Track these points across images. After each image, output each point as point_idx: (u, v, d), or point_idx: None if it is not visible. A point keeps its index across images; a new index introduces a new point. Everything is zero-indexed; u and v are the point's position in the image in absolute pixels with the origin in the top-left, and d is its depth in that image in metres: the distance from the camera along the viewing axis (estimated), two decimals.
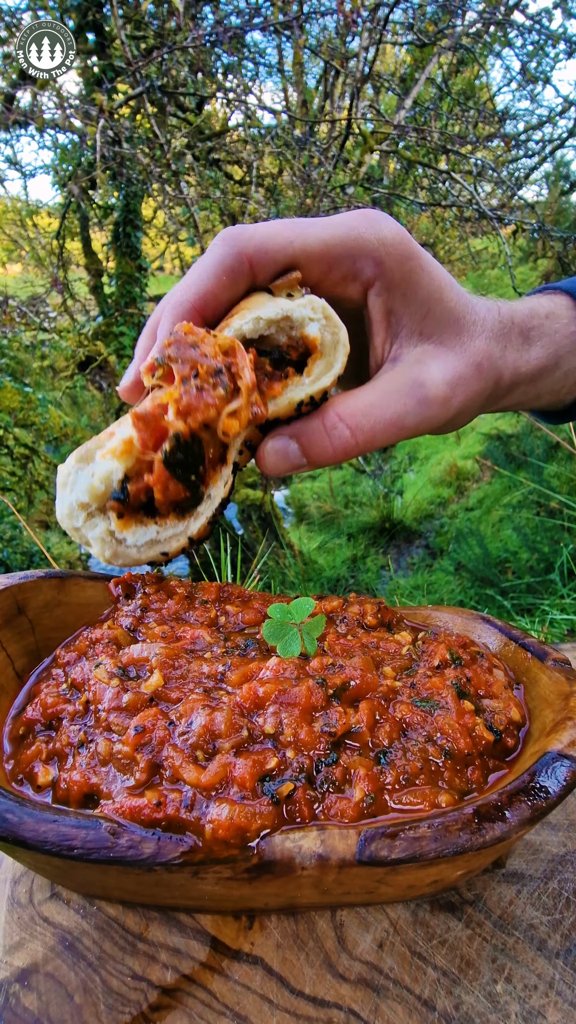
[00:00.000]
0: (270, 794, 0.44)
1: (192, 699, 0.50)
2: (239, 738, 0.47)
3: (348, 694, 0.51)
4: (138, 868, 0.42)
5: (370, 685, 0.53)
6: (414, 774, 0.48)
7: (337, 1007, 0.50)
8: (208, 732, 0.47)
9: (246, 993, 0.51)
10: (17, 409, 4.16)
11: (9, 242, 7.91)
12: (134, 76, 4.12)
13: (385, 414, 0.58)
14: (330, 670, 0.54)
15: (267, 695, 0.49)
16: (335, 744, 0.48)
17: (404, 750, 0.49)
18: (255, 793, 0.45)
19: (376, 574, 5.05)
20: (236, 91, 5.11)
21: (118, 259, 4.90)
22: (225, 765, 0.45)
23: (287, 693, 0.49)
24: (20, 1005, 0.49)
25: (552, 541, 3.59)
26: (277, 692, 0.49)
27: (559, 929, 0.55)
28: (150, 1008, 0.50)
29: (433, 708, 0.53)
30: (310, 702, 0.49)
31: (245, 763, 0.45)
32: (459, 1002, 0.50)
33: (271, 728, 0.48)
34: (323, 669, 0.53)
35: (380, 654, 0.61)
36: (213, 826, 0.43)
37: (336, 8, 4.45)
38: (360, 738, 0.49)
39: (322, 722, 0.49)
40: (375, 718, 0.50)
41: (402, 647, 0.62)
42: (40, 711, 0.55)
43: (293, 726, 0.48)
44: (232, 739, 0.47)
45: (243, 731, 0.48)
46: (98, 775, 0.48)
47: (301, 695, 0.49)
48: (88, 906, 0.55)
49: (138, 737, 0.48)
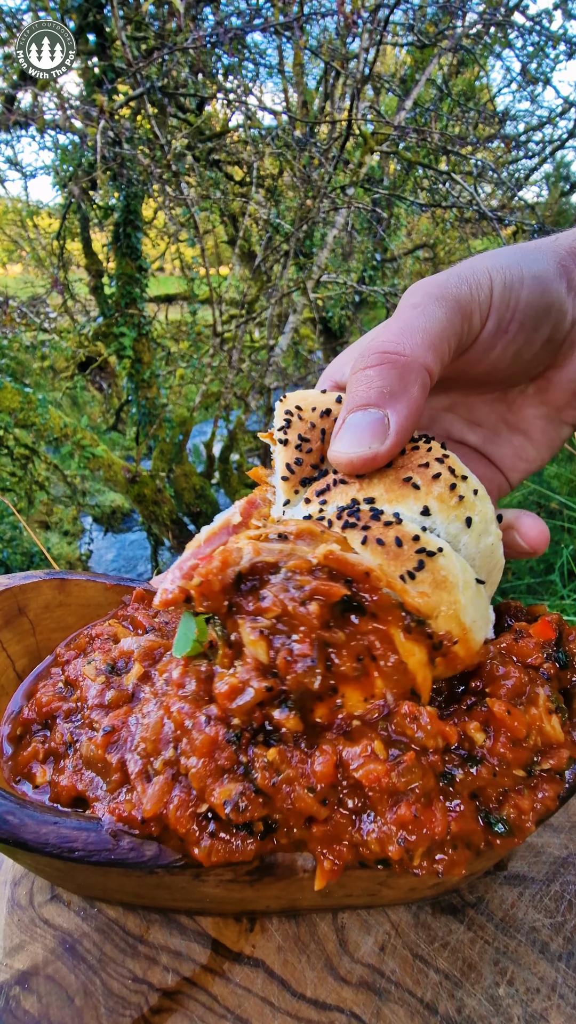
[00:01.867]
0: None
1: (144, 699, 0.48)
2: (172, 757, 0.43)
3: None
4: (140, 870, 0.42)
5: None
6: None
7: (339, 1010, 0.50)
8: (153, 743, 0.44)
9: (247, 996, 0.50)
10: (17, 410, 4.16)
11: (9, 243, 7.90)
12: (135, 77, 4.12)
13: None
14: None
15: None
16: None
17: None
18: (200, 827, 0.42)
19: None
20: (236, 92, 5.12)
21: (118, 260, 4.90)
22: (162, 793, 0.42)
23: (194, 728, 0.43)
24: (20, 1008, 0.49)
25: (552, 542, 3.59)
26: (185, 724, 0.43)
27: (561, 932, 0.54)
28: (151, 1011, 0.49)
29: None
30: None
31: (180, 796, 0.42)
32: (461, 1005, 0.50)
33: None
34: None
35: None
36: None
37: (336, 9, 4.46)
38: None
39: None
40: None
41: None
42: (36, 710, 0.55)
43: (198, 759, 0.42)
44: (162, 758, 0.43)
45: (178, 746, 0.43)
46: (83, 779, 0.48)
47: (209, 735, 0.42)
48: (88, 908, 0.55)
49: (107, 737, 0.47)
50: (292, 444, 0.57)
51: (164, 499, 4.99)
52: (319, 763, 0.41)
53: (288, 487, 0.56)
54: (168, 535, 5.08)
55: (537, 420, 0.67)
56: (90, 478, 5.01)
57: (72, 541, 6.08)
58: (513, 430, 0.69)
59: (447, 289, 0.52)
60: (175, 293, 8.10)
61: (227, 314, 6.06)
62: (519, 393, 0.67)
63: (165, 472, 5.11)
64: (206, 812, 0.41)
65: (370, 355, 0.50)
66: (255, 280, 6.00)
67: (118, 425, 6.64)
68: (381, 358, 0.49)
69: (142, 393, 5.00)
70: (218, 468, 5.84)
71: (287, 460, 0.56)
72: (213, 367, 5.44)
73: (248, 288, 6.05)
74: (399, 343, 0.49)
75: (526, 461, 0.70)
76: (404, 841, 0.40)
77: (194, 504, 5.20)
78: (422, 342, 0.50)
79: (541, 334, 0.57)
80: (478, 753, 0.44)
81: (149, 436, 5.02)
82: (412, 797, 0.41)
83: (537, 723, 0.46)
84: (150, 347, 5.03)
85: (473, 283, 0.53)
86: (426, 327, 0.50)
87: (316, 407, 0.58)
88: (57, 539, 5.88)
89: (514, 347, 0.57)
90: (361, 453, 0.49)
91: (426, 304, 0.51)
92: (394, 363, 0.49)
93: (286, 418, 0.58)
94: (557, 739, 0.46)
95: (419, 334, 0.50)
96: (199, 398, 5.25)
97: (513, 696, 0.47)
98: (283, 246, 5.40)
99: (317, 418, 0.58)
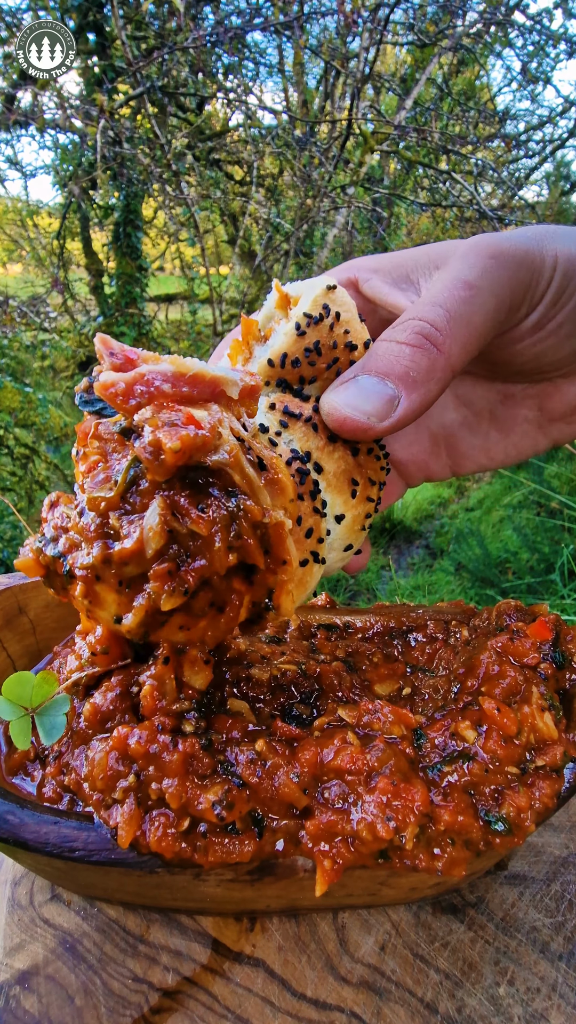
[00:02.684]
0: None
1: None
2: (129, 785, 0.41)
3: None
4: (140, 870, 0.42)
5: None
6: None
7: (339, 1010, 0.50)
8: (104, 780, 0.42)
9: (248, 996, 0.50)
10: (18, 409, 4.16)
11: (10, 242, 7.91)
12: (135, 76, 4.12)
13: None
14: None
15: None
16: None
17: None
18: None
19: (376, 574, 5.05)
20: (236, 91, 5.11)
21: (118, 259, 4.90)
22: (132, 823, 0.40)
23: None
24: (20, 1007, 0.49)
25: (552, 541, 3.59)
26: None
27: (561, 932, 0.54)
28: (151, 1011, 0.49)
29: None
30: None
31: (160, 822, 0.41)
32: (462, 1005, 0.50)
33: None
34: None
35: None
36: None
37: (337, 8, 4.45)
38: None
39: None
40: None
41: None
42: None
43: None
44: (122, 786, 0.41)
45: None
46: (67, 781, 0.48)
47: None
48: (89, 908, 0.55)
49: (57, 765, 0.48)
50: (307, 341, 0.51)
51: None
52: (304, 753, 0.43)
53: (267, 372, 0.52)
54: None
55: (525, 423, 0.65)
56: None
57: None
58: (494, 424, 0.66)
59: (509, 273, 0.49)
60: (175, 292, 8.10)
61: (227, 313, 6.05)
62: (521, 390, 0.65)
63: None
64: (191, 826, 0.41)
65: (411, 332, 0.48)
66: (255, 279, 6.00)
67: None
68: (420, 340, 0.47)
69: None
70: None
71: (290, 350, 0.51)
72: None
73: (248, 287, 6.05)
74: (443, 334, 0.47)
75: (487, 459, 0.67)
76: (392, 819, 0.40)
77: None
78: (464, 342, 0.48)
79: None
80: (470, 750, 0.45)
81: None
82: (388, 773, 0.42)
83: (530, 720, 0.46)
84: (150, 347, 5.03)
85: (535, 270, 0.50)
86: (472, 323, 0.48)
87: (350, 333, 0.53)
88: None
89: (543, 346, 0.55)
90: (356, 418, 0.48)
91: (482, 290, 0.48)
92: (429, 353, 0.47)
93: (321, 312, 0.51)
94: (551, 736, 0.46)
95: (463, 331, 0.47)
96: None
97: (508, 695, 0.47)
98: (283, 245, 5.39)
99: (341, 340, 0.52)
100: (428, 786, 0.43)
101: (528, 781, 0.45)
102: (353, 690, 0.53)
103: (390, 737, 0.45)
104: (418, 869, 0.42)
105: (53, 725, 0.46)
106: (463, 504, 5.82)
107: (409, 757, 0.44)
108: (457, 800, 0.43)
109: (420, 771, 0.44)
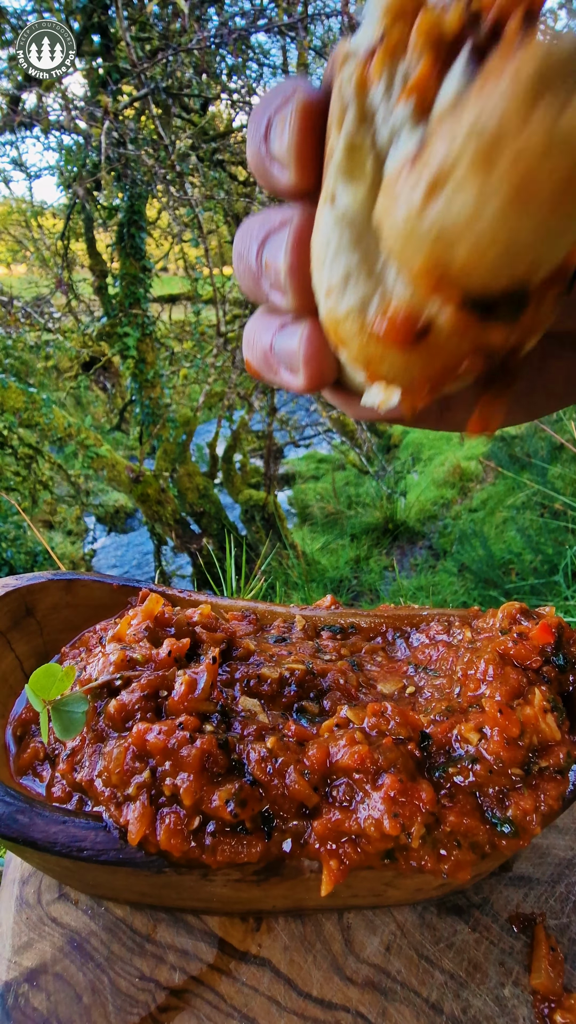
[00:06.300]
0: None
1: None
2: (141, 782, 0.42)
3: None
4: (148, 870, 0.43)
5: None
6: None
7: (344, 1009, 0.50)
8: (119, 775, 0.43)
9: (254, 995, 0.51)
10: (21, 409, 4.18)
11: (14, 243, 7.93)
12: (139, 78, 4.13)
13: None
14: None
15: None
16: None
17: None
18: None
19: (379, 575, 5.05)
20: (240, 92, 5.12)
21: (122, 260, 4.91)
22: (143, 820, 0.41)
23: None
24: (29, 1005, 0.49)
25: (556, 543, 3.59)
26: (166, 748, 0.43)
27: (567, 933, 0.55)
28: (158, 1009, 0.50)
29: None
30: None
31: (171, 820, 0.42)
32: (467, 1005, 0.50)
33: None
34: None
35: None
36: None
37: (341, 10, 4.46)
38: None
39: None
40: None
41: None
42: (29, 711, 0.56)
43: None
44: (136, 782, 0.42)
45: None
46: (79, 778, 0.48)
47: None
48: (96, 907, 0.55)
49: (69, 762, 0.48)
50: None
51: (167, 499, 5.01)
52: (312, 750, 0.44)
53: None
54: (171, 535, 5.09)
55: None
56: (94, 478, 5.03)
57: (76, 540, 6.10)
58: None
59: None
60: (179, 293, 8.10)
61: (230, 314, 6.06)
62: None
63: (168, 472, 5.12)
64: (200, 825, 0.42)
65: None
66: None
67: (122, 425, 6.65)
68: None
69: (146, 393, 5.01)
70: (221, 468, 5.85)
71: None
72: (216, 367, 5.45)
73: None
74: None
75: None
76: (399, 815, 0.41)
77: (197, 504, 5.21)
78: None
79: None
80: (474, 752, 0.45)
81: (153, 436, 5.03)
82: (395, 771, 0.43)
83: (533, 722, 0.46)
84: (154, 347, 5.04)
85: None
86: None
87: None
88: (61, 538, 5.90)
89: None
90: None
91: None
92: None
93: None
94: (553, 737, 0.46)
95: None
96: (203, 398, 5.26)
97: (510, 698, 0.48)
98: None
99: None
100: (431, 786, 0.44)
101: (533, 783, 0.45)
102: (360, 688, 0.54)
103: (397, 738, 0.45)
104: (424, 870, 0.42)
105: (71, 720, 0.47)
106: (466, 505, 5.81)
107: (416, 759, 0.45)
108: (463, 802, 0.43)
109: (426, 772, 0.45)
